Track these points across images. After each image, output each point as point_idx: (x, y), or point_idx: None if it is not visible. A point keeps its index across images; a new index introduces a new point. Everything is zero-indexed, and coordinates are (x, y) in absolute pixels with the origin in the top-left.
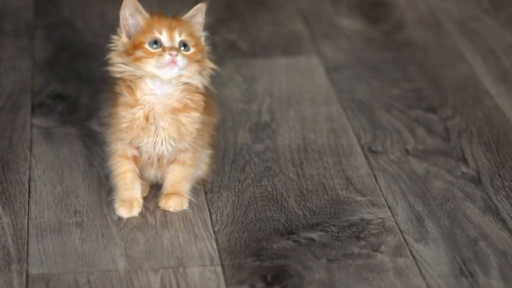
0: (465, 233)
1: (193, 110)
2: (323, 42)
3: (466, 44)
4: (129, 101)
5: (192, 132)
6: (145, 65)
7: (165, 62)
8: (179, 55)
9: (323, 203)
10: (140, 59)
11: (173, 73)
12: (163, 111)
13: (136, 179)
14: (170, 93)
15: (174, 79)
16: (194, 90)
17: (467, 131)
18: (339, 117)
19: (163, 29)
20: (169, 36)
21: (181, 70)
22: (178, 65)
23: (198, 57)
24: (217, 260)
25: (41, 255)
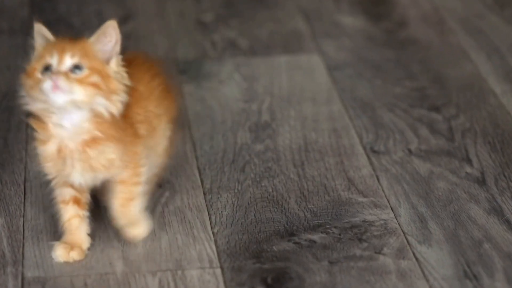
0: (470, 235)
1: (102, 141)
2: (324, 40)
3: (470, 42)
4: (42, 137)
5: (106, 165)
6: (36, 94)
7: (47, 88)
8: (62, 79)
9: (325, 204)
10: (32, 88)
11: (60, 99)
12: (74, 145)
13: (82, 225)
14: (79, 124)
15: (69, 105)
16: (103, 119)
17: (472, 131)
18: (341, 117)
19: (54, 52)
20: (59, 60)
21: (70, 94)
22: (62, 89)
23: (93, 79)
24: (217, 262)
25: (37, 258)
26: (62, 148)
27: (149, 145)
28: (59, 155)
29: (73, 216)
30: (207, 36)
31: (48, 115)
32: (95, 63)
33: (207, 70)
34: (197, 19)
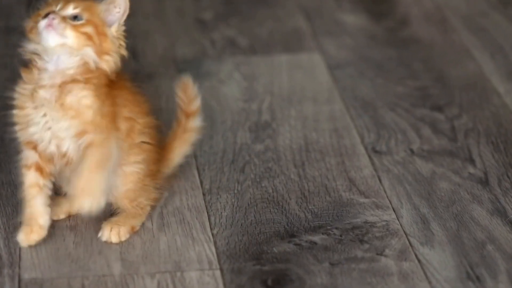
0: (472, 236)
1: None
2: (325, 39)
3: (473, 40)
4: (24, 79)
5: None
6: (33, 35)
7: (42, 25)
8: (57, 19)
9: (325, 205)
10: (31, 30)
11: (51, 38)
12: (51, 85)
13: (40, 196)
14: (63, 69)
15: (59, 48)
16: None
17: (475, 131)
18: (342, 116)
19: (60, 2)
20: (62, 7)
21: (62, 37)
22: (55, 28)
23: (86, 30)
24: (216, 264)
25: (34, 259)
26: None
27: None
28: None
29: (33, 185)
30: (207, 35)
31: (37, 58)
32: (95, 19)
33: (206, 69)
34: (196, 17)
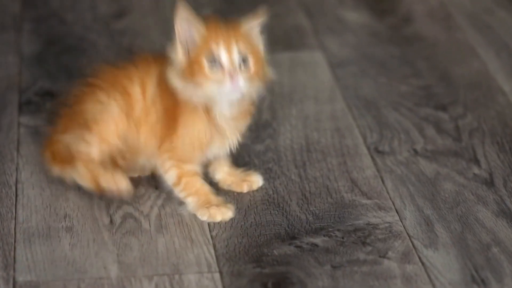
0: (477, 238)
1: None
2: (327, 36)
3: (478, 38)
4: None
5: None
6: (204, 86)
7: (227, 88)
8: (241, 79)
9: (327, 207)
10: (199, 77)
11: (236, 97)
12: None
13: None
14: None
15: (240, 100)
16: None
17: (479, 131)
18: (344, 116)
19: (220, 42)
20: (228, 52)
21: (245, 91)
22: (241, 89)
23: (256, 69)
24: (215, 266)
25: (29, 262)
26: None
27: None
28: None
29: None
30: None
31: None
32: (254, 49)
33: None
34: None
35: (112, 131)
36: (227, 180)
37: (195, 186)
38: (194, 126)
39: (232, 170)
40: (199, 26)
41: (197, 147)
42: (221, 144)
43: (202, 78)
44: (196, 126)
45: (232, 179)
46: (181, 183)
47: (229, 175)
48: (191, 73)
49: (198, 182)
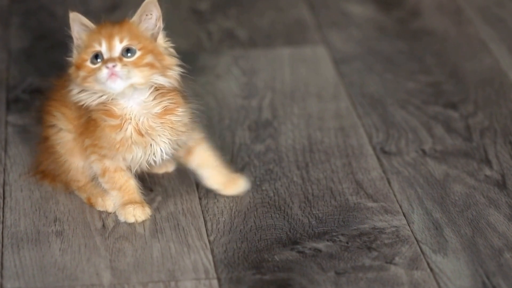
0: (489, 243)
1: (175, 109)
2: (330, 31)
3: (489, 32)
4: (113, 123)
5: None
6: (91, 84)
7: (104, 76)
8: (118, 65)
9: (331, 210)
10: (85, 79)
11: (118, 86)
12: (149, 120)
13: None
14: (145, 101)
15: (127, 90)
16: (167, 90)
17: (491, 130)
18: (349, 114)
19: (102, 39)
20: (108, 46)
21: (128, 79)
22: (120, 75)
23: (147, 60)
24: (213, 273)
25: (17, 268)
26: (140, 127)
27: None
28: (138, 135)
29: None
30: (203, 26)
31: (109, 101)
32: (145, 42)
33: (202, 63)
34: (191, 8)
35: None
36: (214, 178)
37: (118, 183)
38: (109, 133)
39: (220, 168)
40: (83, 28)
41: (116, 151)
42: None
43: (85, 73)
44: (110, 134)
45: (219, 179)
46: (105, 176)
47: (217, 173)
48: (77, 74)
49: (122, 178)
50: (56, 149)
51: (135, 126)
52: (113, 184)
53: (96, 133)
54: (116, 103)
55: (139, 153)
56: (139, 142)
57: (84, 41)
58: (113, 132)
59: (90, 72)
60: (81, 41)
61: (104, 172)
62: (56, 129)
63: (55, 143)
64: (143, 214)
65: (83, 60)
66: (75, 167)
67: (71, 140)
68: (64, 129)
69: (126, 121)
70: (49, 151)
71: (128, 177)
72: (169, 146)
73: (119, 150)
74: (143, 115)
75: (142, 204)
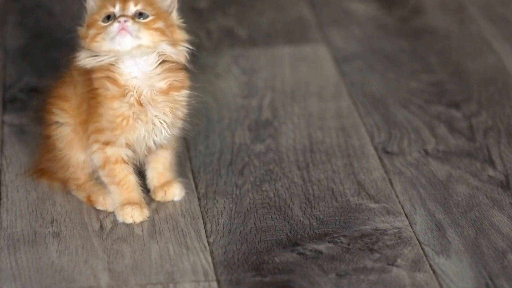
0: (492, 244)
1: (181, 88)
2: (331, 29)
3: (493, 31)
4: (116, 92)
5: (184, 112)
6: (100, 43)
7: (114, 31)
8: (130, 21)
9: (332, 211)
10: (94, 37)
11: (127, 42)
12: (152, 93)
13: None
14: (150, 72)
15: (135, 51)
16: (175, 67)
17: (494, 130)
18: (350, 114)
19: (116, 2)
20: (123, 7)
21: (137, 38)
22: (130, 31)
23: (158, 25)
24: (212, 275)
25: (14, 270)
26: (141, 98)
27: None
28: (139, 105)
29: (131, 173)
30: (202, 25)
31: (115, 67)
32: (159, 10)
33: (202, 62)
34: (190, 6)
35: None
36: (153, 181)
37: (118, 176)
38: (110, 105)
39: (165, 171)
40: None
41: (117, 127)
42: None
43: (96, 31)
44: (111, 105)
45: (157, 182)
46: (105, 168)
47: (159, 176)
48: (87, 34)
49: (122, 172)
50: (56, 144)
51: (137, 98)
52: (113, 177)
53: (97, 111)
54: (121, 72)
55: (141, 129)
56: (140, 115)
57: (97, 4)
58: (114, 102)
59: (101, 29)
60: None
61: (105, 163)
62: (56, 125)
63: (55, 139)
64: (141, 216)
65: (95, 20)
66: (75, 162)
67: (70, 132)
68: (63, 123)
69: (129, 92)
70: (49, 148)
71: (129, 171)
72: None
73: (120, 127)
74: (146, 87)
75: (140, 205)
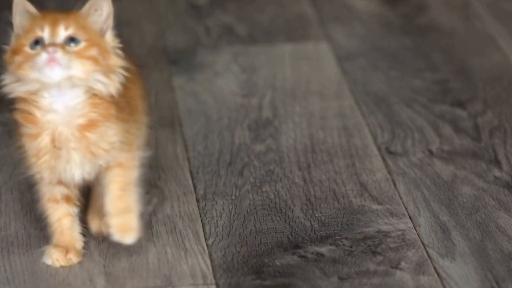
0: (498, 247)
1: (101, 123)
2: (333, 26)
3: (499, 28)
4: (29, 130)
5: (108, 148)
6: (27, 72)
7: (42, 62)
8: (60, 51)
9: (334, 213)
10: (21, 65)
11: (56, 74)
12: (69, 131)
13: (75, 224)
14: (73, 106)
15: (65, 82)
16: (101, 99)
17: (500, 129)
18: (352, 113)
19: (45, 25)
20: (52, 32)
21: (68, 69)
22: (60, 63)
23: (92, 53)
24: (211, 278)
25: (7, 273)
26: (56, 138)
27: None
28: (53, 147)
29: (64, 215)
30: (201, 22)
31: (38, 99)
32: (92, 35)
33: (200, 60)
34: (189, 2)
35: None
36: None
37: (51, 216)
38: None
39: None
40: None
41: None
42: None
43: (22, 59)
44: (26, 143)
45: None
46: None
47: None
48: (13, 60)
49: (55, 213)
50: None
51: (52, 137)
52: (48, 217)
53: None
54: (41, 104)
55: (58, 168)
56: (52, 155)
57: (25, 25)
58: (29, 141)
59: (28, 57)
60: (22, 29)
61: (40, 199)
62: None
63: None
64: (63, 261)
65: (22, 45)
66: None
67: None
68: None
69: (44, 131)
70: None
71: (64, 213)
72: (84, 166)
73: (36, 165)
74: (64, 124)
75: (68, 250)
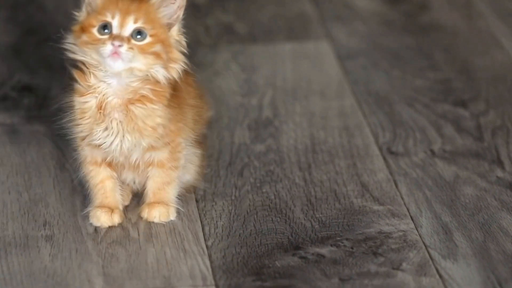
0: (501, 248)
1: (151, 101)
2: (334, 25)
3: (501, 27)
4: (80, 88)
5: (154, 127)
6: (90, 52)
7: (106, 53)
8: (124, 46)
9: (335, 213)
10: (86, 44)
11: (117, 66)
12: (118, 102)
13: (117, 187)
14: (126, 83)
15: (125, 72)
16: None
17: (503, 129)
18: (353, 113)
19: (116, 12)
20: (121, 22)
21: (129, 63)
22: (122, 58)
23: (155, 49)
24: (211, 279)
25: (5, 274)
26: (102, 104)
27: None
28: (98, 112)
29: (107, 177)
30: (200, 20)
31: (95, 69)
32: (159, 30)
33: (199, 59)
34: (188, 1)
35: None
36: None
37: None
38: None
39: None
40: None
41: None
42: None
43: (88, 40)
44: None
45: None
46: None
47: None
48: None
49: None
50: None
51: (98, 101)
52: (89, 179)
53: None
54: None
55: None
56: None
57: (97, 4)
58: (77, 97)
59: (94, 40)
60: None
61: (82, 162)
62: None
63: None
64: (108, 221)
65: (90, 26)
66: None
67: None
68: None
69: (92, 93)
70: None
71: (106, 176)
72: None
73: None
74: (114, 95)
75: (113, 210)
